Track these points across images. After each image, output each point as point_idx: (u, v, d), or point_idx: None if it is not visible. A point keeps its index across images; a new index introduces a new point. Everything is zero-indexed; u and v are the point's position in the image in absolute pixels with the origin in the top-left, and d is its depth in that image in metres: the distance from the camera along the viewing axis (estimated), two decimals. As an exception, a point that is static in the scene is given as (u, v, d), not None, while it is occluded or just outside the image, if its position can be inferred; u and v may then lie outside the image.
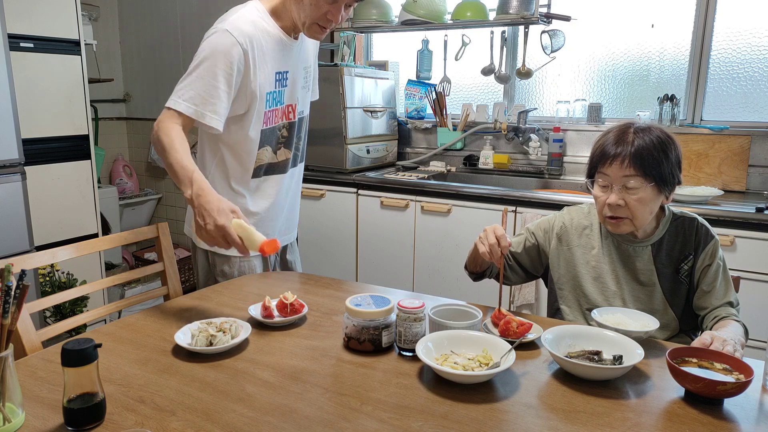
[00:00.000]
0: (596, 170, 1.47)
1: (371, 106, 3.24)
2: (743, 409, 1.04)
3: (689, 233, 1.50)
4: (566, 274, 1.59)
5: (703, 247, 1.49)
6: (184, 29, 4.17)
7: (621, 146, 1.41)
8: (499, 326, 1.31)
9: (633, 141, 1.41)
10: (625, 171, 1.40)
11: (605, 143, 1.45)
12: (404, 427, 0.97)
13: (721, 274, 1.49)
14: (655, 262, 1.50)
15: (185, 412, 1.01)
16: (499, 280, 1.46)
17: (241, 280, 1.75)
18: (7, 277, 0.97)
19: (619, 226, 1.46)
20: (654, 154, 1.40)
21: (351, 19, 3.30)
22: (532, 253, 1.64)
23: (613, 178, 1.42)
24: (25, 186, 2.53)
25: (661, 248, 1.50)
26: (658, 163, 1.40)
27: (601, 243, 1.55)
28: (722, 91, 2.79)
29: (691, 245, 1.49)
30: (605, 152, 1.44)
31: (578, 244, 1.58)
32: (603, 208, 1.46)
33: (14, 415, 0.95)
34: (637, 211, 1.42)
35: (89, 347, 0.94)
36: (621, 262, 1.52)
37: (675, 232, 1.51)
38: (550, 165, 3.07)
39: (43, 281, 2.79)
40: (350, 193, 3.06)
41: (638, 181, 1.40)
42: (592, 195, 1.51)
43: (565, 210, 1.66)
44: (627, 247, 1.52)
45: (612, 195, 1.43)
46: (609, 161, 1.42)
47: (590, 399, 1.07)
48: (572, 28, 3.00)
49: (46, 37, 2.83)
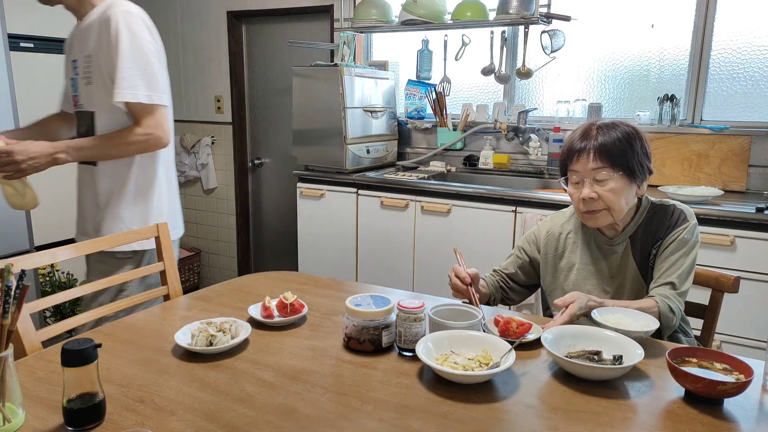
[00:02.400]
0: (567, 168, 1.50)
1: (371, 106, 3.24)
2: (743, 409, 1.04)
3: (662, 218, 1.49)
4: (552, 281, 1.62)
5: (674, 230, 1.45)
6: (184, 29, 4.17)
7: (585, 141, 1.45)
8: (499, 326, 1.31)
9: (596, 136, 1.44)
10: (592, 164, 1.43)
11: (571, 141, 1.49)
12: (404, 427, 0.97)
13: (677, 252, 1.43)
14: (632, 253, 1.50)
15: (185, 412, 1.01)
16: (474, 304, 1.45)
17: (240, 280, 1.75)
18: (7, 277, 0.97)
19: (597, 219, 1.47)
20: (617, 144, 1.43)
21: (351, 19, 3.31)
22: (526, 268, 1.68)
23: (582, 172, 1.45)
24: (25, 186, 2.53)
25: (636, 239, 1.51)
26: (623, 152, 1.43)
27: (584, 245, 1.57)
28: (722, 91, 2.79)
29: (662, 230, 1.48)
30: (571, 149, 1.48)
31: (561, 249, 1.60)
32: (579, 203, 1.48)
33: (14, 415, 0.95)
34: (611, 202, 1.44)
35: (89, 347, 0.94)
36: (603, 260, 1.54)
37: (650, 220, 1.51)
38: (550, 165, 3.07)
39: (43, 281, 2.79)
40: (350, 193, 3.06)
41: (607, 172, 1.42)
42: (568, 193, 1.53)
43: (548, 218, 1.70)
44: (608, 246, 1.53)
45: (584, 189, 1.45)
46: (576, 156, 1.46)
47: (590, 399, 1.07)
48: (572, 28, 3.00)
49: (46, 37, 2.83)
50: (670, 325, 1.39)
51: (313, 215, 3.19)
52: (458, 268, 1.50)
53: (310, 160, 3.20)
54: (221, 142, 4.19)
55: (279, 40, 3.90)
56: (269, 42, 3.98)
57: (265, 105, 4.09)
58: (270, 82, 4.02)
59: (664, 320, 1.36)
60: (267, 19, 3.93)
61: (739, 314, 2.23)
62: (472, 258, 2.73)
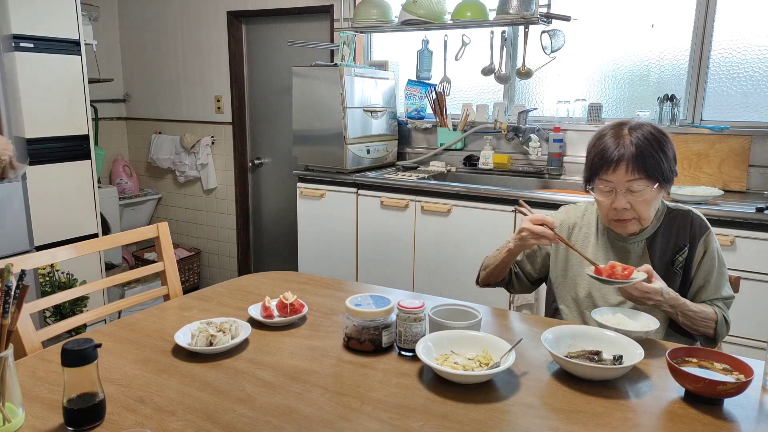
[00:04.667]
0: (597, 176, 1.45)
1: (371, 106, 3.24)
2: (743, 409, 1.04)
3: (683, 225, 1.50)
4: (563, 272, 1.60)
5: (699, 238, 1.49)
6: (184, 29, 4.18)
7: (620, 149, 1.40)
8: (604, 270, 1.33)
9: (631, 144, 1.40)
10: (629, 176, 1.40)
11: (603, 148, 1.43)
12: (404, 427, 0.97)
13: (716, 268, 1.49)
14: (649, 256, 1.50)
15: (185, 412, 1.01)
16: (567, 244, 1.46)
17: (240, 280, 1.75)
18: (7, 277, 0.97)
19: (627, 226, 1.47)
20: (654, 154, 1.40)
21: (351, 19, 3.31)
22: (534, 258, 1.66)
23: (616, 183, 1.42)
24: (25, 186, 2.53)
25: (655, 242, 1.50)
26: (658, 163, 1.40)
27: (597, 240, 1.56)
28: (722, 91, 2.78)
29: (686, 237, 1.49)
30: (606, 158, 1.42)
31: (574, 242, 1.58)
32: (608, 211, 1.46)
33: (14, 415, 0.95)
34: (643, 212, 1.43)
35: (89, 347, 0.94)
36: (616, 258, 1.52)
37: (669, 224, 1.51)
38: (550, 165, 3.07)
39: (43, 281, 2.79)
40: (350, 193, 3.06)
41: (643, 183, 1.40)
42: (594, 199, 1.50)
43: (562, 209, 1.67)
44: (622, 244, 1.52)
45: (619, 199, 1.42)
46: (612, 168, 1.41)
47: (590, 399, 1.07)
48: (572, 28, 3.00)
49: (46, 37, 2.83)
50: (723, 334, 1.46)
51: (313, 215, 3.19)
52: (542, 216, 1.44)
53: (310, 160, 3.20)
54: (221, 142, 4.19)
55: (279, 40, 3.90)
56: (269, 42, 3.98)
57: (265, 105, 4.09)
58: (270, 82, 4.02)
59: (720, 329, 1.44)
60: (267, 19, 3.93)
61: (739, 314, 2.23)
62: (472, 258, 2.74)
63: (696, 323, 1.42)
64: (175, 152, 4.30)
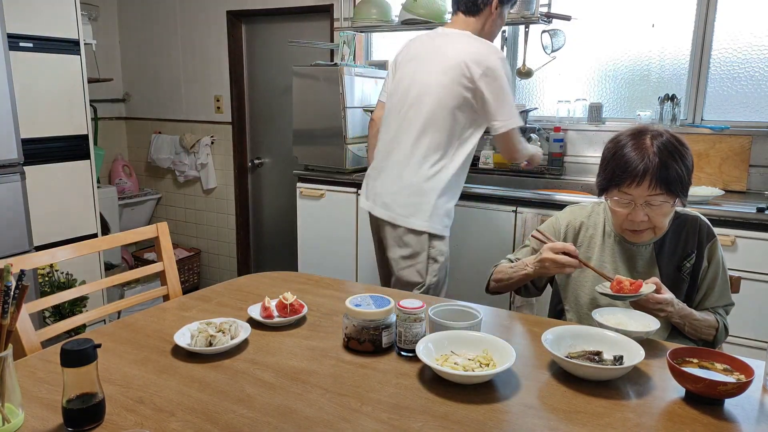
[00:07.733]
0: (617, 188, 1.41)
1: (371, 105, 3.23)
2: (744, 410, 1.04)
3: (691, 231, 1.51)
4: (568, 275, 1.59)
5: (706, 246, 1.50)
6: (184, 29, 4.17)
7: (645, 163, 1.36)
8: (611, 285, 1.34)
9: (655, 158, 1.36)
10: (651, 191, 1.37)
11: (627, 161, 1.38)
12: (404, 427, 0.97)
13: (720, 276, 1.51)
14: (657, 261, 1.50)
15: (185, 413, 1.01)
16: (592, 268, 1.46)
17: (240, 280, 1.75)
18: (6, 277, 0.97)
19: (641, 236, 1.46)
20: (677, 167, 1.37)
21: (351, 18, 3.30)
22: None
23: (636, 197, 1.39)
24: (25, 186, 2.52)
25: (663, 246, 1.50)
26: (680, 177, 1.38)
27: (604, 242, 1.55)
28: (723, 90, 2.78)
29: (694, 243, 1.50)
30: (630, 172, 1.37)
31: (581, 243, 1.58)
32: (623, 221, 1.44)
33: (14, 415, 0.95)
34: (659, 223, 1.43)
35: (88, 347, 0.94)
36: (623, 262, 1.52)
37: (677, 230, 1.51)
38: (550, 165, 3.07)
39: (43, 281, 2.79)
40: (350, 193, 3.06)
41: (663, 198, 1.38)
42: (609, 208, 1.48)
43: (568, 209, 1.66)
44: (630, 246, 1.52)
45: (637, 212, 1.40)
46: (636, 182, 1.37)
47: (591, 399, 1.07)
48: (573, 28, 3.00)
49: (46, 37, 2.83)
50: (722, 341, 1.50)
51: (313, 215, 3.19)
52: (563, 243, 1.42)
53: (310, 160, 3.20)
54: (221, 142, 4.19)
55: (279, 39, 3.90)
56: (269, 42, 3.97)
57: (265, 105, 4.09)
58: (270, 82, 4.02)
59: (719, 336, 1.48)
60: (267, 18, 3.93)
61: (739, 314, 2.22)
62: (472, 258, 2.73)
63: (700, 331, 1.45)
64: (174, 152, 4.30)
